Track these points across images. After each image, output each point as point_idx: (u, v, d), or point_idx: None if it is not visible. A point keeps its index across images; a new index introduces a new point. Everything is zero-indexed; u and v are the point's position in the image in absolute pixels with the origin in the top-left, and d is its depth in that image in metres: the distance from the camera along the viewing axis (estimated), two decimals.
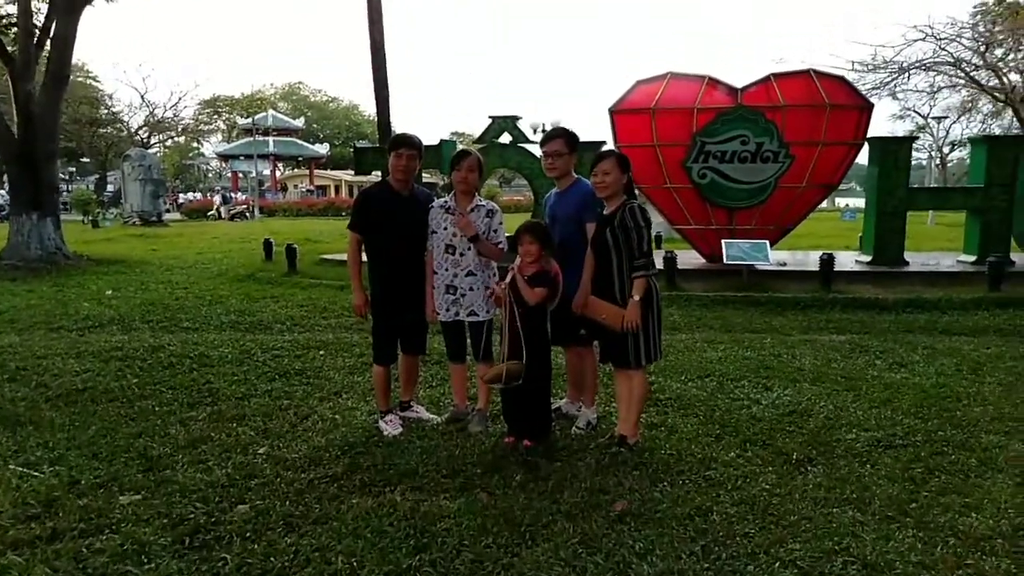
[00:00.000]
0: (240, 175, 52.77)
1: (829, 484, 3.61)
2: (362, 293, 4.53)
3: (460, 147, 7.05)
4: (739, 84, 11.03)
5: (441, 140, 13.04)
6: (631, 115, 11.25)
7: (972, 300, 8.72)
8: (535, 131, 25.24)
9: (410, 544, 3.05)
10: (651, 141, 11.03)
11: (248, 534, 3.16)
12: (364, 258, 4.58)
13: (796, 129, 10.64)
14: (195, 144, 60.55)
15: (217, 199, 39.59)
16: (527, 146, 12.27)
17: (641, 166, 9.24)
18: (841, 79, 11.36)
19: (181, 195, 50.83)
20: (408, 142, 4.45)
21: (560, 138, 4.48)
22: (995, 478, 3.71)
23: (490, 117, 12.07)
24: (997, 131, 33.81)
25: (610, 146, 11.23)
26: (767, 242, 10.32)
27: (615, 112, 11.32)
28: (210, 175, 70.86)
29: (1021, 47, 25.20)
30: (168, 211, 36.61)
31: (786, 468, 3.84)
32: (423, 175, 18.16)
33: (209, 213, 35.95)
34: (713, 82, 11.04)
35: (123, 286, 10.79)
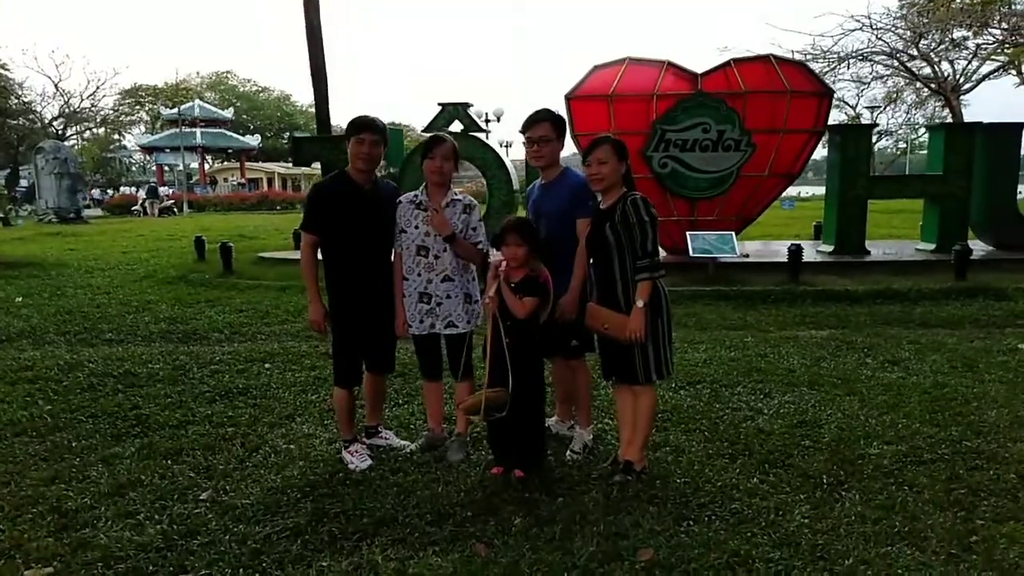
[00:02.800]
0: (166, 168, 50.15)
1: (873, 515, 3.17)
2: (320, 305, 3.86)
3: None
4: (699, 70, 10.66)
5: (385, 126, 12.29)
6: (588, 102, 10.73)
7: (941, 290, 8.55)
8: (479, 119, 24.53)
9: None
10: (609, 129, 10.55)
11: None
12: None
13: (757, 116, 10.31)
14: (116, 136, 57.41)
15: (142, 193, 36.89)
16: (479, 135, 11.69)
17: None
18: (801, 64, 11.18)
19: (96, 190, 47.83)
20: (371, 125, 3.82)
21: (546, 121, 3.90)
22: None
23: (439, 104, 11.39)
24: (921, 120, 35.23)
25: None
26: (733, 234, 10.00)
27: (571, 99, 10.78)
28: (133, 168, 67.39)
29: (946, 38, 25.98)
30: (89, 207, 34.38)
31: (819, 495, 3.38)
32: None
33: (134, 208, 33.80)
34: (672, 67, 10.61)
35: (35, 292, 9.72)
